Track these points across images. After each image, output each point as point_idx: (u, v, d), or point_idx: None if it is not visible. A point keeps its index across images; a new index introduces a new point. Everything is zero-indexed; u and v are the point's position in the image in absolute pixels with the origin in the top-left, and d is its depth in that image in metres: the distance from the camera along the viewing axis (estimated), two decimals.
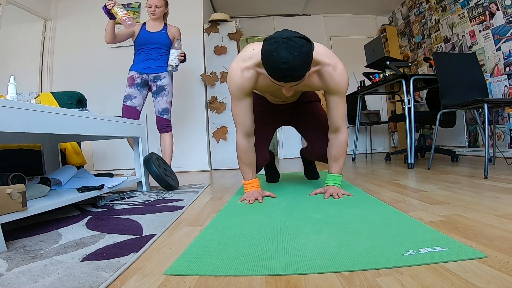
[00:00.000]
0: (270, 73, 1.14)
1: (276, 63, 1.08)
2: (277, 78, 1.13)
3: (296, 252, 0.76)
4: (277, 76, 1.12)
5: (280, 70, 1.09)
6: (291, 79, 1.12)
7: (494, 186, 1.51)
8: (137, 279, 0.66)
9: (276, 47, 1.07)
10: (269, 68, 1.12)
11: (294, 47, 1.06)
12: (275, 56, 1.07)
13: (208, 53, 3.56)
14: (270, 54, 1.08)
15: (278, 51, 1.06)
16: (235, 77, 1.35)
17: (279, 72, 1.09)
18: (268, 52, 1.09)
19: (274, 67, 1.09)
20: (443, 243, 0.75)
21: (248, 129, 1.45)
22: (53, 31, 3.61)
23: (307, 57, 1.10)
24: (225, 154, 3.49)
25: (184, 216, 1.25)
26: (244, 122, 1.43)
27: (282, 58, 1.06)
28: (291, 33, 1.10)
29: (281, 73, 1.09)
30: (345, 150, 1.50)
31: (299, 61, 1.07)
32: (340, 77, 1.34)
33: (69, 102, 2.50)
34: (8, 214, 0.90)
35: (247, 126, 1.44)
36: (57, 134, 1.19)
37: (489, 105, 1.94)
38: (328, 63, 1.32)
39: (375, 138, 5.01)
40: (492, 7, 2.96)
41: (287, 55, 1.06)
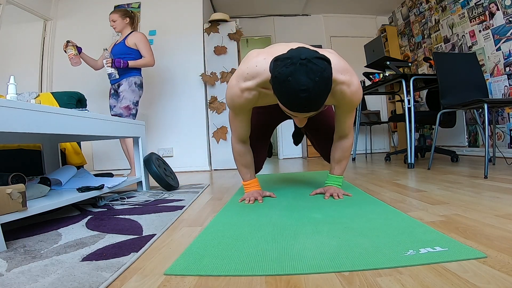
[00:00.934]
0: (283, 101, 0.98)
1: (292, 90, 0.91)
2: (292, 109, 0.98)
3: (296, 252, 0.76)
4: (292, 106, 0.97)
5: (297, 99, 0.93)
6: (309, 110, 0.97)
7: (494, 186, 1.50)
8: (137, 279, 0.66)
9: (293, 70, 0.91)
10: (283, 95, 0.96)
11: (314, 71, 0.90)
12: (291, 81, 0.91)
13: (208, 53, 3.56)
14: (285, 79, 0.91)
15: (296, 75, 0.90)
16: (234, 97, 1.24)
17: (296, 101, 0.94)
18: (282, 75, 0.92)
19: (290, 95, 0.93)
20: (443, 243, 0.75)
21: (244, 137, 1.44)
22: (53, 31, 3.61)
23: (328, 83, 0.95)
24: (225, 154, 3.49)
25: (184, 216, 1.25)
26: (240, 131, 1.42)
27: (301, 84, 0.90)
28: (309, 52, 0.93)
29: (298, 102, 0.94)
30: (349, 153, 1.49)
31: (320, 89, 0.92)
32: (352, 95, 1.21)
33: (69, 102, 2.50)
34: (8, 214, 0.90)
35: (243, 135, 1.43)
36: (57, 134, 1.19)
37: (489, 105, 1.94)
38: (342, 81, 1.17)
39: (375, 138, 5.00)
40: (492, 7, 2.96)
41: (307, 81, 0.89)
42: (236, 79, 1.23)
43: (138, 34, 2.60)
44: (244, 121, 1.37)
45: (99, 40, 3.61)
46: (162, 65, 3.58)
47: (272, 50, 1.18)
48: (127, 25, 2.61)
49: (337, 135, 1.46)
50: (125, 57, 2.53)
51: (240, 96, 1.22)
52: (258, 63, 1.17)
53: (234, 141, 1.47)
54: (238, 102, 1.25)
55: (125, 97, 2.52)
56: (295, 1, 4.57)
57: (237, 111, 1.32)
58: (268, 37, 4.98)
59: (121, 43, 2.57)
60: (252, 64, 1.18)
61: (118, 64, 2.45)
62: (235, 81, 1.23)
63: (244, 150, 1.48)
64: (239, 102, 1.24)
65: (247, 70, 1.19)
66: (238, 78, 1.22)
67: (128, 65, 2.48)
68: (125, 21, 2.59)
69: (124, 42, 2.56)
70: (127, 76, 2.53)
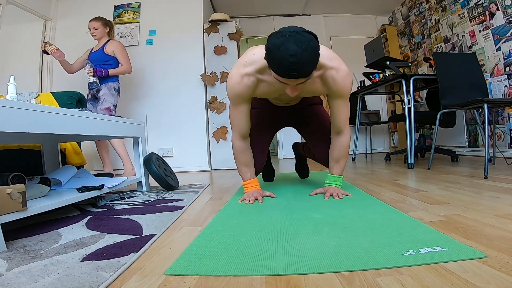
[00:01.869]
0: (276, 68, 1.08)
1: (283, 56, 1.02)
2: (283, 74, 1.07)
3: (296, 252, 0.76)
4: (283, 71, 1.06)
5: (287, 64, 1.03)
6: (298, 75, 1.06)
7: (494, 186, 1.50)
8: (137, 279, 0.66)
9: (283, 40, 1.03)
10: (275, 63, 1.06)
11: (302, 41, 1.02)
12: (282, 49, 1.02)
13: (208, 53, 3.56)
14: (277, 48, 1.03)
15: (286, 44, 1.02)
16: (234, 84, 1.32)
17: (286, 66, 1.03)
18: (274, 46, 1.04)
19: (281, 62, 1.04)
20: (443, 243, 0.75)
21: (244, 132, 1.46)
22: (53, 31, 3.61)
23: (315, 53, 1.06)
24: (225, 154, 3.48)
25: (184, 216, 1.25)
26: (240, 125, 1.44)
27: (290, 51, 1.01)
28: (298, 28, 1.07)
29: (288, 67, 1.03)
30: (347, 152, 1.49)
31: (307, 56, 1.03)
32: (343, 80, 1.30)
33: (69, 102, 2.51)
34: (8, 214, 0.90)
35: (243, 129, 1.45)
36: (57, 134, 1.19)
37: (489, 105, 1.94)
38: (331, 67, 1.27)
39: (375, 138, 5.00)
40: (492, 7, 2.96)
41: (295, 48, 1.01)
42: (236, 68, 1.33)
43: (115, 43, 2.70)
44: (244, 112, 1.40)
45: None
46: (162, 65, 3.58)
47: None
48: (106, 34, 2.70)
49: (333, 132, 1.47)
50: (104, 64, 2.62)
51: (240, 82, 1.31)
52: (255, 52, 1.30)
53: (235, 138, 1.48)
54: (238, 89, 1.32)
55: (106, 99, 2.60)
56: (295, 1, 4.57)
57: (237, 100, 1.37)
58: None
59: (100, 51, 2.65)
60: (250, 53, 1.31)
61: (99, 73, 2.55)
62: (235, 69, 1.33)
63: (244, 147, 1.48)
64: (239, 88, 1.32)
65: (246, 58, 1.31)
66: (237, 67, 1.33)
67: (108, 73, 2.58)
68: (106, 29, 2.70)
69: (102, 50, 2.65)
70: (107, 82, 2.62)
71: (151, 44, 3.59)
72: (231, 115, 1.45)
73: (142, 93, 3.59)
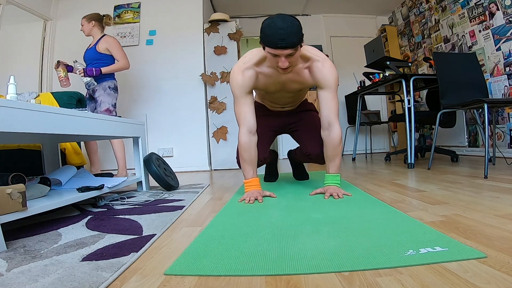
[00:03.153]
0: (268, 41, 1.27)
1: (273, 30, 1.24)
2: (274, 45, 1.25)
3: (296, 252, 0.76)
4: (274, 42, 1.25)
5: (276, 35, 1.23)
6: (287, 44, 1.24)
7: (494, 186, 1.50)
8: (137, 279, 0.66)
9: (273, 19, 1.27)
10: (267, 36, 1.26)
11: (288, 20, 1.26)
12: (272, 25, 1.25)
13: (208, 53, 3.56)
14: (268, 25, 1.26)
15: (275, 21, 1.25)
16: (236, 76, 1.47)
17: (276, 37, 1.23)
18: (265, 24, 1.27)
19: (272, 33, 1.24)
20: (443, 243, 0.75)
21: (251, 125, 1.49)
22: (53, 31, 3.60)
23: (299, 29, 1.27)
24: (225, 154, 3.49)
25: (184, 216, 1.25)
26: (246, 118, 1.48)
27: (278, 25, 1.24)
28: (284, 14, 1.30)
29: (277, 37, 1.23)
30: (340, 148, 1.51)
31: (293, 29, 1.24)
32: (328, 71, 1.45)
33: (69, 102, 2.51)
34: (8, 214, 0.90)
35: (250, 122, 1.48)
36: (57, 134, 1.19)
37: (489, 105, 1.94)
38: (317, 59, 1.45)
39: (375, 138, 5.00)
40: (492, 7, 2.96)
41: (282, 24, 1.24)
42: (236, 65, 1.51)
43: (109, 39, 2.59)
44: (248, 104, 1.49)
45: None
46: (162, 65, 3.58)
47: None
48: (94, 28, 2.60)
49: (324, 126, 1.50)
50: (97, 62, 2.51)
51: (242, 74, 1.47)
52: (253, 51, 1.50)
53: (242, 133, 1.50)
54: (240, 80, 1.47)
55: (103, 101, 2.52)
56: (295, 1, 4.57)
57: (241, 91, 1.48)
58: None
59: (92, 49, 2.56)
60: (249, 53, 1.51)
61: (90, 72, 2.44)
62: (236, 66, 1.50)
63: (250, 144, 1.49)
64: (241, 79, 1.46)
65: (245, 57, 1.50)
66: (238, 64, 1.50)
67: (101, 72, 2.47)
68: (91, 24, 2.59)
69: (95, 48, 2.55)
70: (101, 81, 2.54)
71: (151, 44, 3.59)
72: (236, 110, 1.51)
73: (142, 93, 3.59)
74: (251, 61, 1.47)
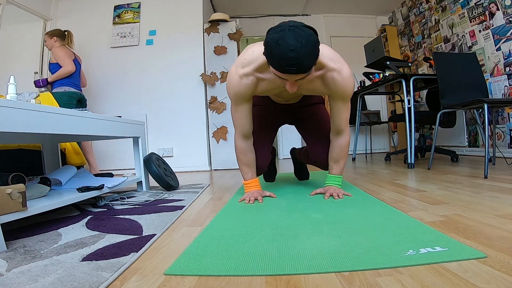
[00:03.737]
0: (274, 63, 1.05)
1: (282, 51, 1.00)
2: (282, 69, 1.04)
3: (296, 252, 0.76)
4: (282, 66, 1.03)
5: (286, 59, 1.01)
6: (298, 70, 1.03)
7: (494, 186, 1.50)
8: (137, 279, 0.66)
9: (283, 34, 1.00)
10: (274, 57, 1.04)
11: (301, 35, 1.00)
12: (281, 44, 1.00)
13: (208, 53, 3.56)
14: (276, 42, 1.01)
15: (285, 38, 1.00)
16: (233, 84, 1.31)
17: (286, 61, 1.01)
18: (273, 40, 1.02)
19: (280, 56, 1.01)
20: (443, 243, 0.75)
21: (246, 131, 1.45)
22: None
23: (315, 47, 1.04)
24: (225, 154, 3.49)
25: (184, 216, 1.25)
26: (242, 125, 1.43)
27: (289, 45, 0.99)
28: (297, 22, 1.05)
29: (287, 62, 1.01)
30: (346, 152, 1.49)
31: (307, 50, 1.01)
32: (344, 83, 1.28)
33: (69, 102, 2.51)
34: (8, 214, 0.90)
35: (245, 128, 1.44)
36: (57, 134, 1.19)
37: (489, 105, 1.94)
38: (333, 68, 1.25)
39: (375, 138, 5.00)
40: (492, 7, 2.96)
41: (295, 43, 0.99)
42: (234, 67, 1.32)
43: (53, 49, 2.71)
44: (245, 111, 1.40)
45: (99, 40, 3.62)
46: (162, 65, 3.58)
47: None
48: (55, 43, 2.71)
49: (333, 132, 1.46)
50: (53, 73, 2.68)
51: (239, 82, 1.30)
52: (254, 50, 1.27)
53: (237, 138, 1.47)
54: (238, 89, 1.31)
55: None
56: (295, 1, 4.57)
57: (238, 99, 1.36)
58: None
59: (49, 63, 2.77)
60: (249, 51, 1.29)
61: (38, 84, 2.63)
62: (234, 69, 1.31)
63: (247, 147, 1.48)
64: (239, 88, 1.31)
65: (245, 56, 1.29)
66: (236, 66, 1.31)
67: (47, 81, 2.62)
68: (52, 40, 2.71)
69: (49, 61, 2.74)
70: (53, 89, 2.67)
71: (151, 44, 3.59)
72: (232, 115, 1.44)
73: (142, 93, 3.59)
74: (251, 66, 1.26)
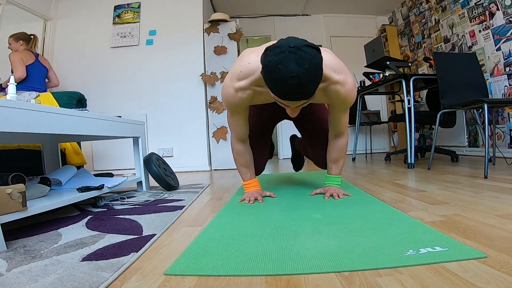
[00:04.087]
0: (274, 90, 0.97)
1: (282, 77, 0.91)
2: (282, 97, 0.97)
3: (296, 252, 0.76)
4: (283, 94, 0.96)
5: (287, 87, 0.92)
6: (300, 97, 0.96)
7: (494, 186, 1.50)
8: (137, 279, 0.66)
9: (283, 57, 0.91)
10: (274, 84, 0.95)
11: (304, 58, 0.91)
12: (281, 69, 0.91)
13: (208, 53, 3.56)
14: (275, 67, 0.92)
15: (286, 63, 0.90)
16: (228, 96, 1.25)
17: (286, 88, 0.93)
18: (272, 64, 0.93)
19: (280, 83, 0.93)
20: (443, 243, 0.75)
21: (243, 136, 1.44)
22: (53, 31, 3.61)
23: (318, 70, 0.95)
24: (225, 154, 3.49)
25: (184, 216, 1.25)
26: (238, 130, 1.42)
27: (291, 71, 0.90)
28: (298, 41, 0.94)
29: (288, 90, 0.93)
30: (345, 152, 1.49)
31: (310, 76, 0.92)
32: (348, 95, 1.22)
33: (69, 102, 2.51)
34: (8, 214, 0.90)
35: (242, 133, 1.43)
36: (57, 134, 1.19)
37: (489, 105, 1.94)
38: (336, 81, 1.17)
39: (375, 138, 5.00)
40: (492, 7, 2.96)
41: (296, 68, 0.90)
42: (230, 78, 1.23)
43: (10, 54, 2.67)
44: (241, 120, 1.37)
45: (99, 40, 3.62)
46: (162, 65, 3.58)
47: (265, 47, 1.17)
48: (21, 47, 2.70)
49: (332, 134, 1.45)
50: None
51: (235, 96, 1.23)
52: (251, 60, 1.17)
53: (233, 141, 1.47)
54: (234, 102, 1.26)
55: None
56: (295, 1, 4.57)
57: (233, 110, 1.33)
58: (268, 37, 4.98)
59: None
60: (245, 62, 1.18)
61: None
62: (229, 80, 1.23)
63: (244, 149, 1.48)
64: (234, 101, 1.26)
65: (241, 69, 1.19)
66: (232, 77, 1.22)
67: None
68: (18, 43, 2.70)
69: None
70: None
71: (151, 44, 3.60)
72: (229, 121, 1.42)
73: (142, 93, 3.59)
74: (248, 80, 1.17)
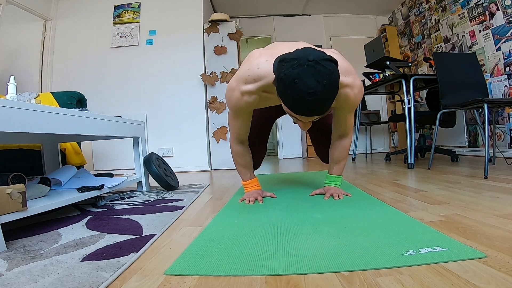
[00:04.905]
0: (289, 104, 0.94)
1: (299, 93, 0.88)
2: (297, 112, 0.94)
3: (296, 252, 0.76)
4: (298, 110, 0.93)
5: (304, 103, 0.89)
6: (315, 113, 0.93)
7: (494, 186, 1.50)
8: (137, 279, 0.66)
9: (300, 72, 0.87)
10: (289, 98, 0.92)
11: (322, 74, 0.87)
12: (298, 84, 0.87)
13: (208, 53, 3.56)
14: (292, 81, 0.88)
15: (303, 78, 0.86)
16: (234, 100, 1.21)
17: (302, 105, 0.90)
18: (288, 77, 0.89)
19: (296, 99, 0.90)
20: (443, 243, 0.75)
21: (242, 138, 1.44)
22: (53, 31, 3.61)
23: (336, 86, 0.92)
24: (225, 154, 3.49)
25: (184, 216, 1.25)
26: (239, 132, 1.40)
27: (309, 87, 0.86)
28: (317, 53, 0.90)
29: (304, 106, 0.90)
30: (347, 153, 1.48)
31: (328, 92, 0.89)
32: (356, 98, 1.20)
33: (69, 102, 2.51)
34: (8, 214, 0.90)
35: (242, 136, 1.42)
36: (57, 134, 1.19)
37: (489, 105, 1.94)
38: (346, 84, 1.15)
39: (375, 138, 5.00)
40: (492, 7, 2.96)
41: (315, 84, 0.86)
42: (236, 81, 1.19)
43: None
44: (243, 122, 1.35)
45: (99, 40, 3.62)
46: (162, 65, 3.58)
47: (276, 51, 1.14)
48: None
49: (336, 134, 1.44)
50: None
51: (240, 99, 1.20)
52: (260, 65, 1.13)
53: (233, 142, 1.46)
54: (239, 105, 1.23)
55: None
56: (295, 1, 4.57)
57: (237, 113, 1.30)
58: (268, 37, 4.98)
59: None
60: (254, 65, 1.14)
61: None
62: (235, 83, 1.19)
63: (243, 150, 1.48)
64: (239, 104, 1.23)
65: (248, 72, 1.15)
66: (238, 80, 1.18)
67: None
68: None
69: None
70: None
71: (151, 44, 3.60)
72: (230, 122, 1.38)
73: (142, 93, 3.59)
74: (256, 85, 1.14)
